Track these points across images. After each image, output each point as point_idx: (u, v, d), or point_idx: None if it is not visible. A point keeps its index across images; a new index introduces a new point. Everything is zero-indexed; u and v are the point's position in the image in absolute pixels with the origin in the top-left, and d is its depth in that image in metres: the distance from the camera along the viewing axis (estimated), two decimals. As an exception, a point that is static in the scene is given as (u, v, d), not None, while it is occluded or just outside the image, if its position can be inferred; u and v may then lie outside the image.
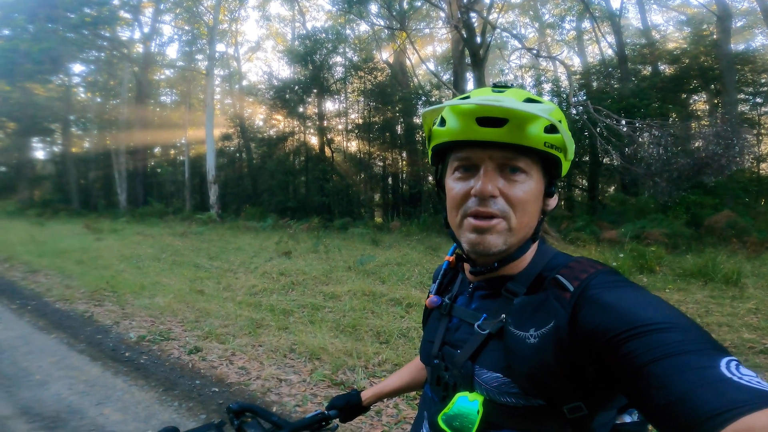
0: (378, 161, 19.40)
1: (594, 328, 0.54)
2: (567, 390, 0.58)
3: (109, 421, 2.57)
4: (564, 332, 0.57)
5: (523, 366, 0.60)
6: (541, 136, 0.64)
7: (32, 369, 3.30)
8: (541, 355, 0.58)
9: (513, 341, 0.61)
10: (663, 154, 7.96)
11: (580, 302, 0.58)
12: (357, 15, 15.36)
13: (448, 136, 0.67)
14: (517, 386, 0.62)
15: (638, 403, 0.49)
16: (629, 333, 0.50)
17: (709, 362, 0.45)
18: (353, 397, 1.05)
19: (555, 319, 0.58)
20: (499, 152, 0.65)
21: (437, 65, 22.41)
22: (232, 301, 5.25)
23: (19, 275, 6.77)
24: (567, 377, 0.57)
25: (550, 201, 0.72)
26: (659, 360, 0.47)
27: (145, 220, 17.09)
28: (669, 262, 6.67)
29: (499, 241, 0.66)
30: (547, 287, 0.64)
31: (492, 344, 0.66)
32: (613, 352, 0.51)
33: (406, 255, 8.29)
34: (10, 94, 24.53)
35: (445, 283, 0.84)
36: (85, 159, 29.42)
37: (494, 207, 0.65)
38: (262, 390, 3.01)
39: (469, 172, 0.68)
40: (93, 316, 4.68)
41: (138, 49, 24.41)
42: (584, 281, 0.60)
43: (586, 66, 17.55)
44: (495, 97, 0.65)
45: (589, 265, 0.64)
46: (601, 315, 0.55)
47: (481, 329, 0.68)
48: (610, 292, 0.57)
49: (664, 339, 0.48)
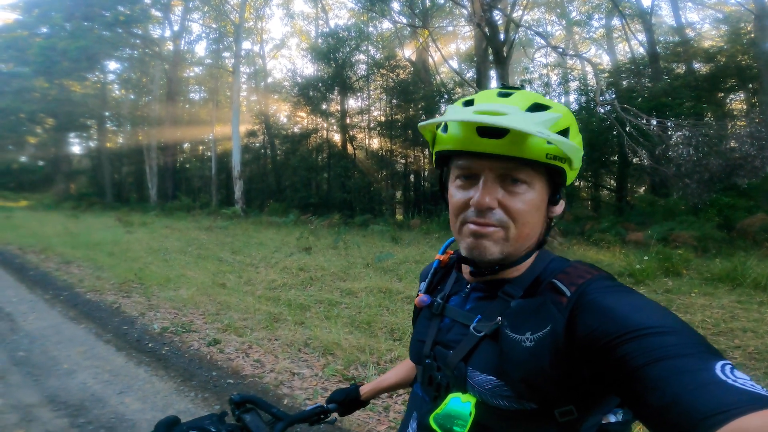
0: (400, 159, 19.36)
1: (591, 333, 0.55)
2: (560, 394, 0.59)
3: (129, 409, 2.68)
4: (560, 336, 0.57)
5: (517, 369, 0.60)
6: (543, 147, 0.63)
7: (61, 358, 3.45)
8: (536, 359, 0.58)
9: (508, 344, 0.61)
10: (694, 154, 7.67)
11: (577, 307, 0.58)
12: (379, 13, 15.32)
13: (450, 144, 0.67)
14: (510, 389, 0.62)
15: (633, 405, 0.50)
16: (625, 336, 0.51)
17: (704, 365, 0.46)
18: (352, 391, 1.07)
19: (552, 323, 0.59)
20: (500, 163, 0.64)
21: (460, 63, 22.15)
22: (252, 295, 5.36)
23: (53, 266, 7.05)
24: (561, 381, 0.58)
25: (555, 208, 0.72)
26: (654, 363, 0.47)
27: (174, 214, 17.59)
28: (697, 266, 6.43)
29: (495, 249, 0.66)
30: (544, 291, 0.64)
31: (486, 346, 0.66)
32: (609, 356, 0.52)
33: (425, 253, 8.27)
34: (48, 91, 25.63)
35: (435, 282, 0.85)
36: (118, 154, 30.48)
37: (492, 218, 0.65)
38: (275, 383, 3.09)
39: (469, 180, 0.68)
40: (121, 307, 4.86)
41: (168, 47, 25.16)
42: (581, 286, 0.61)
43: (616, 64, 17.01)
44: (497, 106, 0.64)
45: (585, 271, 0.64)
46: (598, 319, 0.55)
47: (476, 331, 0.68)
48: (607, 297, 0.58)
49: (660, 342, 0.49)
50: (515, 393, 0.61)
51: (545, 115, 0.64)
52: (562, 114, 0.66)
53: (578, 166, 0.69)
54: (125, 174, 30.92)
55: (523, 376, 0.59)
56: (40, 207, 22.31)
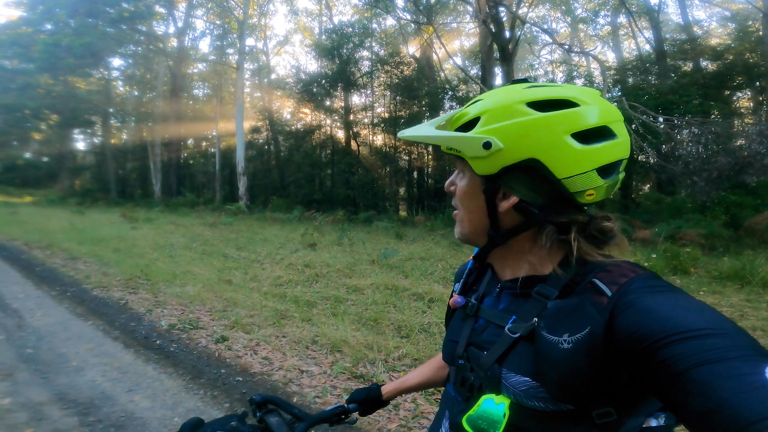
0: (404, 155, 19.34)
1: (632, 335, 0.53)
2: (598, 396, 0.57)
3: (138, 407, 2.67)
4: (599, 339, 0.55)
5: (554, 371, 0.58)
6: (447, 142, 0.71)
7: (69, 355, 3.45)
8: (573, 361, 0.57)
9: (545, 346, 0.60)
10: (702, 152, 7.62)
11: (618, 308, 0.56)
12: (383, 9, 15.28)
13: None
14: (546, 391, 0.60)
15: (676, 410, 0.48)
16: (669, 339, 0.49)
17: (752, 369, 0.44)
18: (373, 391, 1.06)
19: (590, 325, 0.57)
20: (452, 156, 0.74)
21: (465, 60, 22.07)
22: (258, 291, 5.37)
23: (59, 262, 7.07)
24: (599, 383, 0.56)
25: (502, 202, 0.68)
26: (699, 366, 0.46)
27: (178, 210, 17.66)
28: (705, 264, 6.41)
29: (457, 230, 0.76)
30: (582, 291, 0.62)
31: (521, 347, 0.65)
32: (651, 359, 0.50)
33: (429, 249, 8.27)
34: (52, 88, 25.76)
35: (470, 282, 0.84)
36: (123, 150, 30.66)
37: (453, 201, 0.76)
38: (283, 380, 3.08)
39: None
40: (128, 304, 4.87)
41: (172, 43, 25.24)
42: (623, 286, 0.58)
43: (622, 61, 16.91)
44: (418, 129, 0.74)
45: (629, 269, 0.62)
46: (639, 321, 0.53)
47: (511, 332, 0.66)
48: (650, 297, 0.56)
49: (706, 345, 0.47)
50: (551, 394, 0.60)
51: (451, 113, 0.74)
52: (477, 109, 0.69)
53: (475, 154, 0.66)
54: (129, 170, 31.07)
55: (560, 378, 0.58)
56: (45, 203, 22.43)
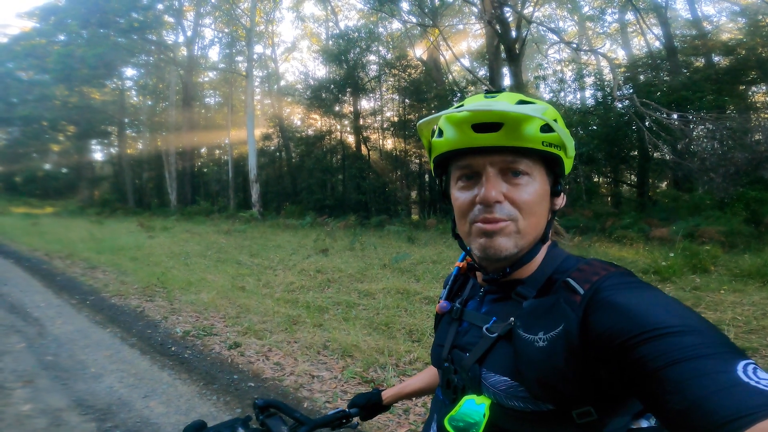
0: (414, 159, 19.35)
1: (606, 332, 0.53)
2: (577, 394, 0.57)
3: (154, 413, 2.72)
4: (574, 336, 0.56)
5: (531, 370, 0.59)
6: (538, 135, 0.64)
7: (88, 362, 3.51)
8: (550, 359, 0.57)
9: (521, 344, 0.61)
10: (718, 148, 7.46)
11: (591, 305, 0.57)
12: (388, 13, 15.34)
13: (447, 146, 0.68)
14: (525, 390, 0.61)
15: (653, 408, 0.49)
16: (643, 336, 0.49)
17: (726, 366, 0.45)
18: (374, 396, 1.07)
19: (565, 323, 0.58)
20: (499, 157, 0.65)
21: (472, 61, 22.01)
22: (270, 297, 5.41)
23: (79, 271, 7.23)
24: (577, 381, 0.56)
25: (557, 200, 0.72)
26: (674, 364, 0.46)
27: (193, 218, 17.91)
28: (725, 262, 6.25)
29: (510, 243, 0.66)
30: (557, 290, 0.63)
31: (500, 347, 0.66)
32: (626, 356, 0.50)
33: (441, 253, 8.24)
34: (68, 99, 26.37)
35: (456, 288, 0.85)
36: (139, 160, 31.26)
37: (500, 213, 0.65)
38: (294, 386, 3.10)
39: (471, 180, 0.68)
40: (144, 311, 4.95)
41: (182, 52, 25.69)
42: (595, 284, 0.59)
43: (632, 58, 16.70)
44: (487, 103, 0.65)
45: (601, 268, 0.62)
46: (613, 318, 0.53)
47: (489, 332, 0.68)
48: (623, 294, 0.56)
49: (679, 342, 0.47)
50: (531, 393, 0.60)
51: (534, 106, 0.66)
52: (548, 107, 0.68)
53: (572, 154, 0.70)
54: (146, 179, 31.64)
55: (538, 376, 0.58)
56: (65, 213, 22.92)
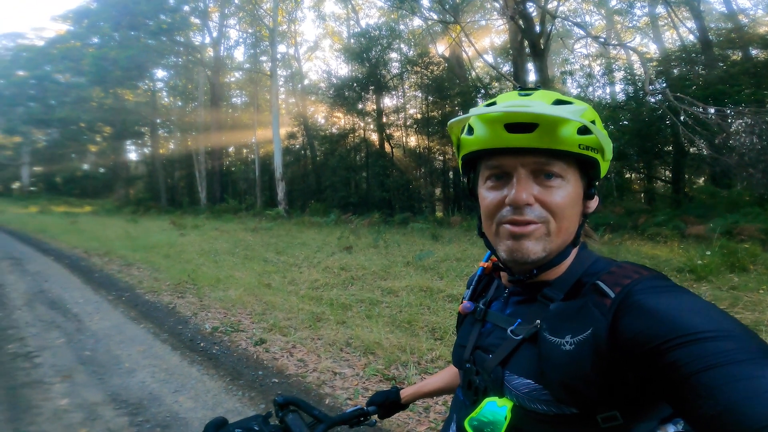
0: (438, 156, 19.21)
1: (636, 336, 0.52)
2: (602, 398, 0.56)
3: (183, 408, 2.80)
4: (602, 340, 0.55)
5: (556, 373, 0.58)
6: (575, 138, 0.61)
7: (123, 357, 3.63)
8: (576, 363, 0.56)
9: (547, 348, 0.60)
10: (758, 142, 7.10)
11: (621, 309, 0.55)
12: (409, 10, 15.20)
13: (477, 145, 0.66)
14: (548, 393, 0.60)
15: (684, 413, 0.48)
16: (676, 341, 0.48)
17: (761, 371, 0.44)
18: (392, 394, 1.07)
19: (593, 327, 0.56)
20: (532, 158, 0.63)
21: (496, 57, 21.56)
22: (295, 294, 5.49)
23: (116, 268, 7.53)
24: (603, 386, 0.55)
25: (590, 203, 0.70)
26: (708, 370, 0.45)
27: (222, 217, 18.36)
28: (765, 261, 5.96)
29: (538, 247, 0.64)
30: (586, 293, 0.62)
31: (525, 350, 0.65)
32: (658, 361, 0.49)
33: (465, 250, 8.18)
34: (104, 101, 27.48)
35: (480, 289, 0.84)
36: (170, 160, 32.26)
37: (530, 214, 0.63)
38: (317, 382, 3.15)
39: (501, 180, 0.66)
40: (176, 308, 5.12)
41: (209, 53, 26.33)
42: (626, 287, 0.57)
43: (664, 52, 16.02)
44: (522, 102, 0.63)
45: (633, 271, 0.60)
46: (644, 322, 0.52)
47: (514, 334, 0.67)
48: (656, 298, 0.54)
49: (714, 348, 0.46)
50: (554, 397, 0.59)
51: (572, 107, 0.64)
52: (587, 107, 0.65)
53: (610, 157, 0.68)
54: (177, 178, 32.64)
55: (563, 379, 0.57)
56: (102, 212, 23.91)
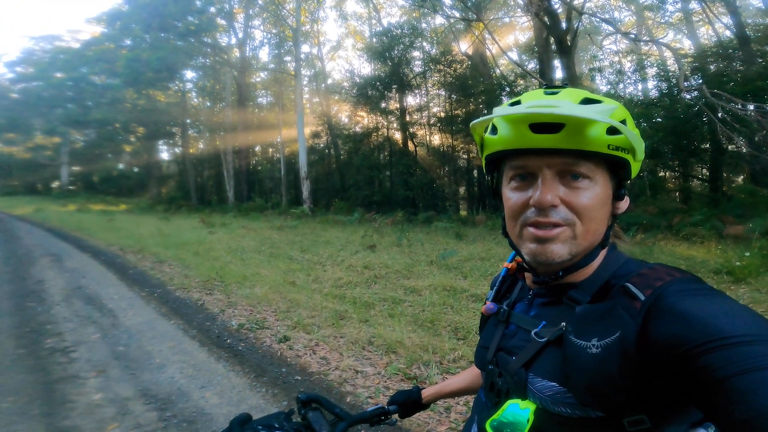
0: (462, 154, 19.03)
1: (668, 340, 0.51)
2: (629, 402, 0.55)
3: (209, 404, 2.87)
4: (631, 344, 0.54)
5: (582, 376, 0.57)
6: (604, 138, 0.59)
7: (154, 353, 3.72)
8: (603, 366, 0.55)
9: (573, 350, 0.59)
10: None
11: (652, 312, 0.54)
12: (430, 8, 15.06)
13: (501, 145, 0.64)
14: (573, 396, 0.59)
15: (715, 418, 0.47)
16: (708, 345, 0.47)
17: None
18: (414, 393, 1.08)
19: (621, 330, 0.55)
20: (558, 158, 0.61)
21: (521, 54, 21.10)
22: (319, 292, 5.55)
23: (149, 265, 7.78)
24: (631, 389, 0.54)
25: (620, 204, 0.68)
26: (741, 374, 0.44)
27: (249, 215, 18.73)
28: (808, 263, 5.65)
29: (564, 250, 0.62)
30: (615, 296, 0.60)
31: (549, 352, 0.64)
32: (689, 365, 0.48)
33: (490, 250, 8.09)
34: (137, 101, 28.49)
35: (504, 290, 0.83)
36: (200, 159, 33.18)
37: (555, 216, 0.61)
38: (338, 380, 3.19)
39: (525, 180, 0.64)
40: (204, 304, 5.25)
41: (235, 53, 26.94)
42: (658, 289, 0.56)
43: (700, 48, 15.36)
44: (547, 101, 0.62)
45: (665, 273, 0.59)
46: (676, 326, 0.51)
47: (538, 337, 0.66)
48: (688, 301, 0.53)
49: (748, 352, 0.45)
50: (579, 400, 0.58)
51: (601, 107, 0.62)
52: (618, 106, 0.63)
53: (641, 157, 0.66)
54: (206, 177, 33.51)
55: (589, 383, 0.56)
56: (136, 210, 24.73)
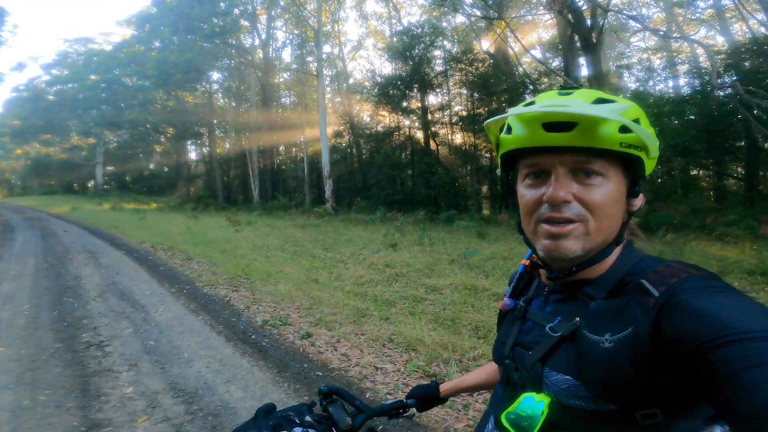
0: (484, 153, 18.81)
1: (680, 336, 0.52)
2: (642, 396, 0.56)
3: (233, 398, 2.95)
4: (644, 339, 0.55)
5: (595, 370, 0.58)
6: (616, 136, 0.60)
7: (183, 347, 3.84)
8: (615, 361, 0.56)
9: (586, 345, 0.60)
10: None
11: (665, 308, 0.55)
12: (450, 7, 14.90)
13: (515, 144, 0.66)
14: (587, 390, 0.60)
15: (723, 413, 0.48)
16: (719, 341, 0.48)
17: None
18: (432, 388, 1.10)
19: (634, 326, 0.56)
20: (571, 156, 0.63)
21: (544, 52, 20.63)
22: (341, 290, 5.61)
23: (178, 262, 8.03)
24: (641, 384, 0.55)
25: (634, 201, 0.69)
26: (749, 369, 0.45)
27: (273, 213, 19.05)
28: None
29: (577, 246, 0.64)
30: (629, 292, 0.61)
31: (564, 347, 0.66)
32: (700, 360, 0.49)
33: (513, 249, 8.00)
34: (167, 103, 29.34)
35: (521, 286, 0.85)
36: (226, 159, 33.93)
37: (568, 212, 0.63)
38: (359, 377, 3.26)
39: (539, 178, 0.66)
40: (230, 301, 5.40)
41: (259, 54, 27.41)
42: (672, 286, 0.56)
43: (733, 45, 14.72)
44: (560, 102, 0.63)
45: (681, 270, 0.59)
46: (689, 321, 0.52)
47: (553, 331, 0.67)
48: (702, 298, 0.53)
49: (758, 347, 0.46)
50: (592, 393, 0.60)
51: (614, 106, 0.63)
52: (631, 105, 0.64)
53: (656, 155, 0.67)
54: (232, 177, 34.21)
55: (601, 377, 0.58)
56: (167, 208, 25.46)
